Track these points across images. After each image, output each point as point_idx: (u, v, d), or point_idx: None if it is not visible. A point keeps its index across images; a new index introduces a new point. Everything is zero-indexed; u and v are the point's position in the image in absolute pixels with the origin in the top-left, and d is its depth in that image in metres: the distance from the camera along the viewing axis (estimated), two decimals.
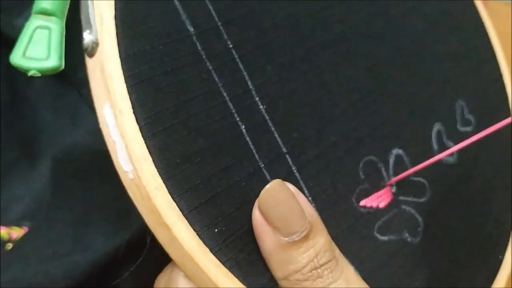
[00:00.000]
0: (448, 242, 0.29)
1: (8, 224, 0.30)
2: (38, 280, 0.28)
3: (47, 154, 0.32)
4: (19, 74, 0.33)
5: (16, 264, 0.29)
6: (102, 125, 0.22)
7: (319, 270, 0.23)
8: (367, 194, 0.27)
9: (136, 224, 0.30)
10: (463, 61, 0.34)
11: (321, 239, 0.24)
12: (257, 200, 0.23)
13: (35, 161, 0.33)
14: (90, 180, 0.32)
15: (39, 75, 0.20)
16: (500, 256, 0.31)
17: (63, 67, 0.21)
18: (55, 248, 0.30)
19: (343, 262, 0.24)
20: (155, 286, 0.25)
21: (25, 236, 0.30)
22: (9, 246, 0.30)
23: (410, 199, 0.28)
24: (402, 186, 0.28)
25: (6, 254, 0.29)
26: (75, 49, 0.23)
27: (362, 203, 0.27)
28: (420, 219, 0.28)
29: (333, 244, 0.24)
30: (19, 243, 0.30)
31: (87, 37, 0.21)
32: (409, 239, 0.28)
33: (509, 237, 0.32)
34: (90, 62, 0.22)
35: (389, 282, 0.27)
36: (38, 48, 0.20)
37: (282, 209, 0.23)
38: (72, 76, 0.23)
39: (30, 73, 0.20)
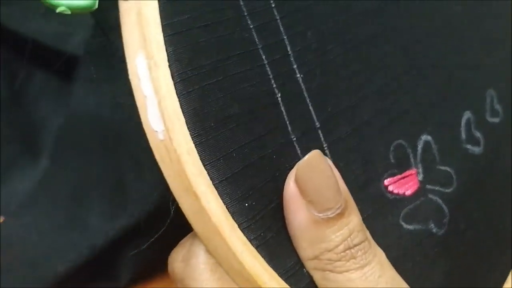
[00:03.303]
0: (470, 234, 0.28)
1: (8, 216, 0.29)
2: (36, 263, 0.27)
3: (48, 149, 0.32)
4: (19, 69, 0.32)
5: (16, 244, 0.28)
6: (132, 77, 0.19)
7: (352, 251, 0.21)
8: (395, 179, 0.26)
9: (134, 206, 0.29)
10: (496, 49, 0.33)
11: (355, 218, 0.22)
12: (292, 171, 0.22)
13: (37, 157, 0.33)
14: (88, 153, 0.30)
15: (69, 12, 0.18)
16: None
17: (96, 7, 0.18)
18: (52, 222, 0.28)
19: (374, 245, 0.23)
20: (170, 259, 0.23)
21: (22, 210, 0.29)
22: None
23: (437, 188, 0.27)
24: (429, 175, 0.27)
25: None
26: None
27: (390, 188, 0.25)
28: (446, 210, 0.27)
29: (364, 226, 0.23)
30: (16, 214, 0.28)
31: None
32: (434, 230, 0.26)
33: None
34: (124, 4, 0.19)
35: (409, 271, 0.25)
36: None
37: (320, 182, 0.21)
38: (100, 19, 0.20)
39: (59, 9, 0.18)
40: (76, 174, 0.30)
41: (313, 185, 0.21)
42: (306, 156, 0.21)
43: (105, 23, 0.20)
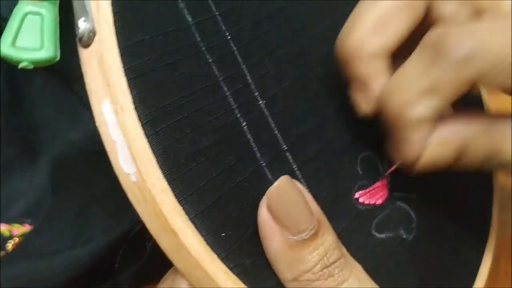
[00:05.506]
0: (438, 237, 0.29)
1: (9, 221, 0.29)
2: (39, 275, 0.27)
3: (48, 151, 0.32)
4: (19, 71, 0.32)
5: (18, 262, 0.28)
6: (99, 123, 0.20)
7: (329, 269, 0.22)
8: (365, 190, 0.27)
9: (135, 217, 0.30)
10: None
11: (329, 237, 0.23)
12: (264, 198, 0.22)
13: (36, 158, 0.32)
14: (89, 175, 0.31)
15: (31, 67, 0.18)
16: (481, 248, 0.32)
17: (58, 58, 0.19)
18: (57, 245, 0.29)
19: (351, 260, 0.24)
20: None
21: (26, 235, 0.29)
22: (9, 245, 0.28)
23: (403, 194, 0.28)
24: (396, 182, 0.28)
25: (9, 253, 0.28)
26: (64, 39, 0.20)
27: (361, 200, 0.26)
28: (413, 215, 0.28)
29: (340, 242, 0.24)
30: (22, 243, 0.28)
31: (82, 25, 0.19)
32: (404, 236, 0.27)
33: (489, 229, 0.33)
34: (85, 53, 0.20)
35: (386, 281, 0.26)
36: (29, 37, 0.18)
37: (291, 206, 0.22)
38: (62, 69, 0.20)
39: (21, 65, 0.18)
40: (79, 199, 0.31)
41: (285, 210, 0.22)
42: (276, 183, 0.22)
43: (68, 73, 0.21)
